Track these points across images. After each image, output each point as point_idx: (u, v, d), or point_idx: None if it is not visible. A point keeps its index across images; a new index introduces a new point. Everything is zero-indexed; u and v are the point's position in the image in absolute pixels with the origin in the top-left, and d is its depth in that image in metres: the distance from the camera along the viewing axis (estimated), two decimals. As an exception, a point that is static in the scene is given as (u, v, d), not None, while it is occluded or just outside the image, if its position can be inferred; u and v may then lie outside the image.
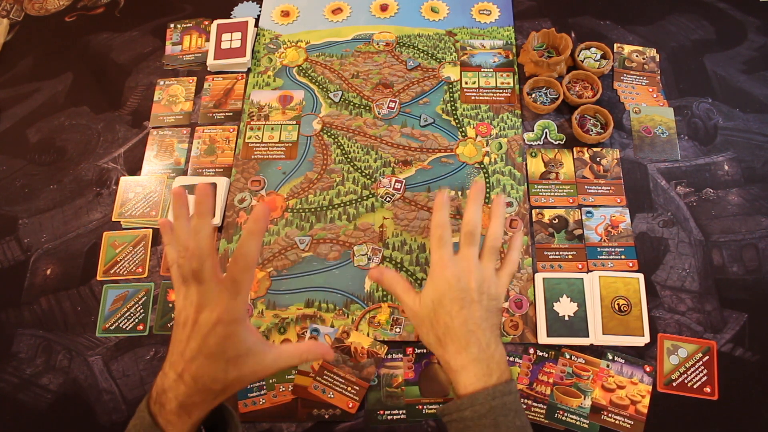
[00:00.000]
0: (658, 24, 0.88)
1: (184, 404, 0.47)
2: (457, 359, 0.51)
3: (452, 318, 0.52)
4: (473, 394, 0.49)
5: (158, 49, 0.92)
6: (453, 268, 0.53)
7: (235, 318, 0.47)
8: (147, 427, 0.48)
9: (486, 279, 0.54)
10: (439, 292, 0.53)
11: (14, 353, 0.71)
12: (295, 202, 0.77)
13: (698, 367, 0.65)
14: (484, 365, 0.50)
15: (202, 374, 0.47)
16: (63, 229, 0.79)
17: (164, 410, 0.47)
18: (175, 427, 0.47)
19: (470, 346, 0.51)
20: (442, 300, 0.53)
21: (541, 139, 0.79)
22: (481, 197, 0.57)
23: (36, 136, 0.87)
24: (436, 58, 0.87)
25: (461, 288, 0.53)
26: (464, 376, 0.50)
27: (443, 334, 0.52)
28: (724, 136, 0.78)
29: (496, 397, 0.49)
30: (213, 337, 0.46)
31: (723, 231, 0.72)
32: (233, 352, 0.47)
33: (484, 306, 0.53)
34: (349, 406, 0.65)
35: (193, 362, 0.47)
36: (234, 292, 0.47)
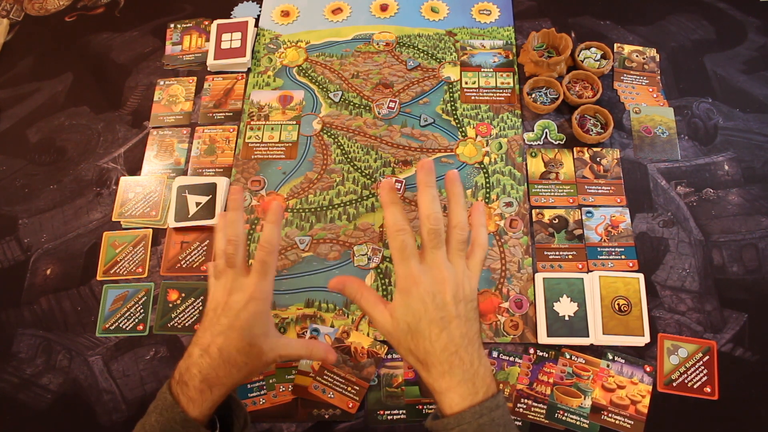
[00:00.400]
0: (658, 24, 0.88)
1: (207, 378, 0.50)
2: (441, 383, 0.48)
3: (432, 343, 0.48)
4: (460, 414, 0.47)
5: (158, 49, 0.92)
6: (426, 284, 0.49)
7: (265, 297, 0.53)
8: (168, 407, 0.50)
9: (459, 282, 0.50)
10: (415, 315, 0.49)
11: (14, 353, 0.71)
12: (295, 202, 0.77)
13: (698, 367, 0.65)
14: (470, 384, 0.48)
15: (228, 345, 0.51)
16: (63, 229, 0.79)
17: (187, 388, 0.50)
18: (196, 404, 0.50)
19: (454, 368, 0.48)
20: (420, 324, 0.49)
21: (541, 139, 0.79)
22: (433, 180, 0.50)
23: (36, 136, 0.87)
24: (436, 58, 0.87)
25: (438, 306, 0.49)
26: (450, 398, 0.48)
27: (423, 357, 0.49)
28: (724, 136, 0.78)
29: (484, 414, 0.47)
30: (245, 312, 0.52)
31: (723, 231, 0.72)
32: (259, 329, 0.53)
33: (463, 318, 0.49)
34: (349, 406, 0.65)
35: (221, 335, 0.52)
36: (263, 273, 0.53)
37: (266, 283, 0.54)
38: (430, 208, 0.49)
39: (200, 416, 0.50)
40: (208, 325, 0.53)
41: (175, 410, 0.49)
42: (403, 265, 0.50)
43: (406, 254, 0.50)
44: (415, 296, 0.49)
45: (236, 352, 0.51)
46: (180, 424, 0.49)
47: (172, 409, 0.49)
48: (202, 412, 0.50)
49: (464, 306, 0.50)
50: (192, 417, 0.49)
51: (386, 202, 0.51)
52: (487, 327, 0.68)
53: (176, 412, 0.49)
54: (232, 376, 0.51)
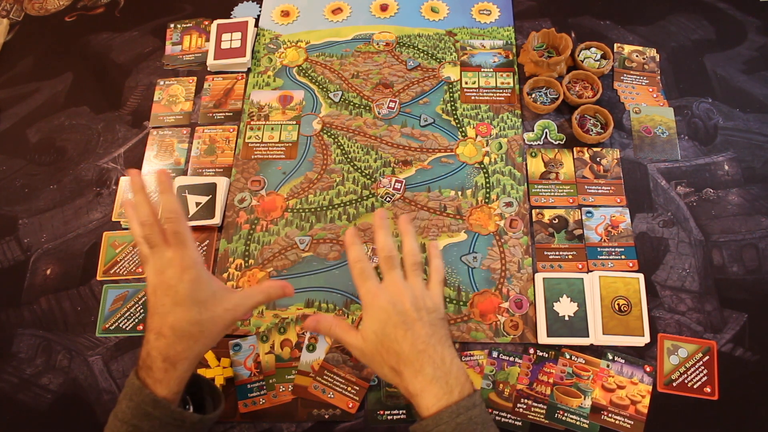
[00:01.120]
0: (658, 24, 0.88)
1: (168, 357, 0.51)
2: (414, 383, 0.50)
3: (400, 343, 0.51)
4: (437, 414, 0.48)
5: (158, 49, 0.92)
6: (384, 295, 0.54)
7: (195, 263, 0.54)
8: (137, 391, 0.50)
9: (418, 296, 0.54)
10: (379, 322, 0.53)
11: (14, 353, 0.71)
12: (295, 202, 0.77)
13: (698, 367, 0.65)
14: (443, 382, 0.50)
15: (179, 320, 0.52)
16: (63, 229, 0.79)
17: (151, 371, 0.51)
18: (162, 384, 0.50)
19: (424, 366, 0.50)
20: (385, 329, 0.52)
21: (541, 139, 0.79)
22: (386, 223, 0.57)
23: (36, 136, 0.87)
24: (436, 58, 0.87)
25: (398, 311, 0.52)
26: (425, 399, 0.49)
27: (396, 362, 0.51)
28: (724, 136, 0.78)
29: (461, 413, 0.48)
30: (181, 284, 0.52)
31: (723, 231, 0.72)
32: (202, 295, 0.53)
33: (426, 322, 0.53)
34: (349, 406, 0.65)
35: (168, 315, 0.52)
36: (182, 243, 0.54)
37: (190, 251, 0.54)
38: (384, 242, 0.56)
39: (169, 394, 0.50)
40: (152, 309, 0.53)
41: (143, 392, 0.50)
42: (364, 286, 0.55)
43: (365, 276, 0.55)
44: (376, 306, 0.53)
45: (188, 324, 0.52)
46: (150, 405, 0.49)
47: (140, 392, 0.50)
48: (171, 390, 0.51)
49: (426, 314, 0.54)
50: (161, 396, 0.50)
51: (348, 243, 0.57)
52: (487, 327, 0.68)
53: (145, 394, 0.50)
54: (191, 349, 0.52)
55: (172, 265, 0.53)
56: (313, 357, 0.67)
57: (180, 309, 0.52)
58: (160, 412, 0.50)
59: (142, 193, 0.56)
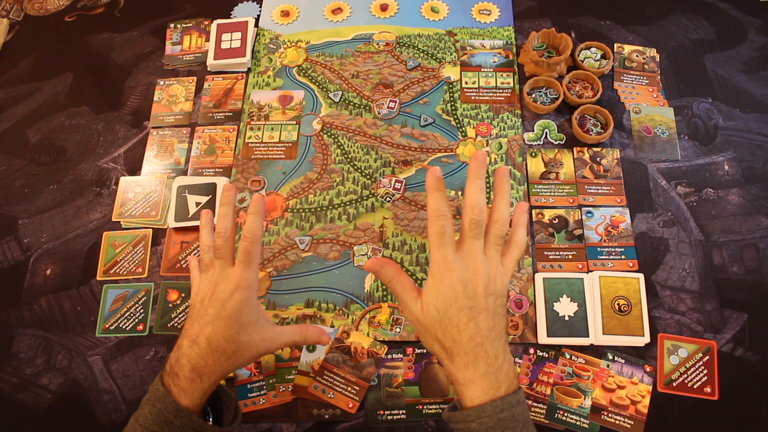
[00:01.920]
0: (658, 24, 0.88)
1: (196, 367, 0.51)
2: (464, 373, 0.48)
3: (460, 331, 0.48)
4: (481, 407, 0.47)
5: (158, 49, 0.92)
6: (459, 271, 0.49)
7: (250, 285, 0.54)
8: (161, 397, 0.50)
9: (492, 276, 0.50)
10: (445, 300, 0.49)
11: (14, 353, 0.71)
12: (295, 202, 0.77)
13: (698, 367, 0.65)
14: (493, 378, 0.48)
15: (217, 335, 0.52)
16: (63, 229, 0.79)
17: (177, 379, 0.51)
18: (187, 393, 0.51)
19: (478, 360, 0.48)
20: (449, 310, 0.49)
21: (541, 139, 0.79)
22: (483, 172, 0.51)
23: (36, 136, 0.87)
24: (436, 58, 0.87)
25: (468, 295, 0.49)
26: (471, 390, 0.48)
27: (450, 345, 0.49)
28: (724, 136, 0.78)
29: (505, 409, 0.47)
30: (231, 302, 0.53)
31: (723, 231, 0.72)
32: (246, 318, 0.54)
33: (491, 311, 0.49)
34: (349, 406, 0.65)
35: (209, 325, 0.52)
36: (247, 263, 0.55)
37: (251, 273, 0.55)
38: (476, 198, 0.50)
39: (192, 405, 0.51)
40: (195, 316, 0.54)
41: (167, 400, 0.50)
42: (440, 251, 0.50)
43: (444, 240, 0.50)
44: (446, 282, 0.49)
45: (224, 341, 0.52)
46: (172, 414, 0.50)
47: (164, 399, 0.50)
48: (194, 401, 0.51)
49: (494, 300, 0.50)
50: (184, 406, 0.50)
51: (431, 188, 0.51)
52: (487, 327, 0.68)
53: (168, 402, 0.50)
54: (221, 365, 0.52)
55: (229, 281, 0.54)
56: (313, 357, 0.67)
57: (222, 323, 0.53)
58: (182, 421, 0.50)
59: (230, 206, 0.58)
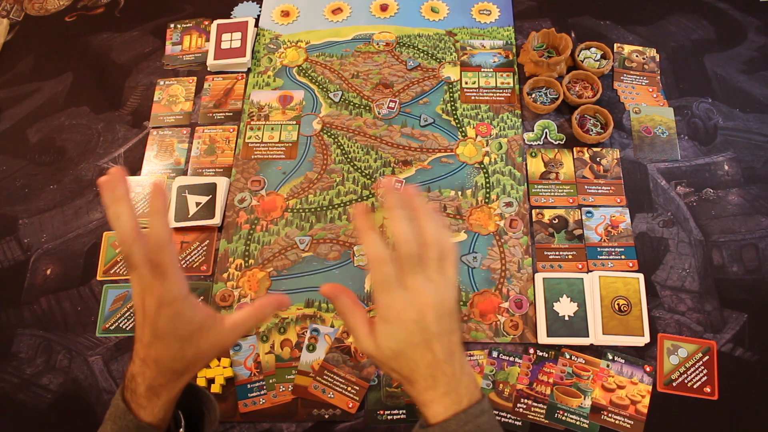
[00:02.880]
0: (658, 24, 0.88)
1: (151, 386, 0.48)
2: (424, 395, 0.48)
3: (416, 362, 0.48)
4: (444, 422, 0.47)
5: (158, 49, 0.92)
6: (409, 312, 0.47)
7: (174, 298, 0.47)
8: (121, 414, 0.49)
9: (441, 299, 0.48)
10: (399, 342, 0.47)
11: (14, 353, 0.71)
12: (295, 202, 0.77)
13: (698, 367, 0.65)
14: (453, 394, 0.48)
15: (162, 356, 0.48)
16: (63, 229, 0.79)
17: (135, 395, 0.49)
18: (146, 410, 0.48)
19: (437, 382, 0.48)
20: (404, 349, 0.48)
21: (541, 139, 0.79)
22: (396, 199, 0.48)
23: (36, 136, 0.87)
24: (436, 58, 0.87)
25: (422, 329, 0.47)
26: (433, 409, 0.48)
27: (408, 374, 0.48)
28: (724, 136, 0.78)
29: (469, 421, 0.47)
30: (160, 320, 0.47)
31: (723, 231, 0.72)
32: (184, 332, 0.48)
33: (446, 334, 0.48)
34: (349, 406, 0.65)
35: (150, 347, 0.48)
36: (160, 274, 0.46)
37: (171, 284, 0.46)
38: (404, 232, 0.47)
39: (154, 420, 0.49)
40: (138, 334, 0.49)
41: (127, 417, 0.48)
42: (386, 297, 0.48)
43: (390, 287, 0.47)
44: (398, 325, 0.48)
45: (171, 360, 0.48)
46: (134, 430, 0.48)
47: (124, 416, 0.48)
48: (156, 417, 0.49)
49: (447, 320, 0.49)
50: (146, 422, 0.48)
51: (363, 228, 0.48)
52: (487, 327, 0.68)
53: (129, 419, 0.48)
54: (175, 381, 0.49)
55: (152, 295, 0.47)
56: (313, 357, 0.67)
57: (160, 344, 0.48)
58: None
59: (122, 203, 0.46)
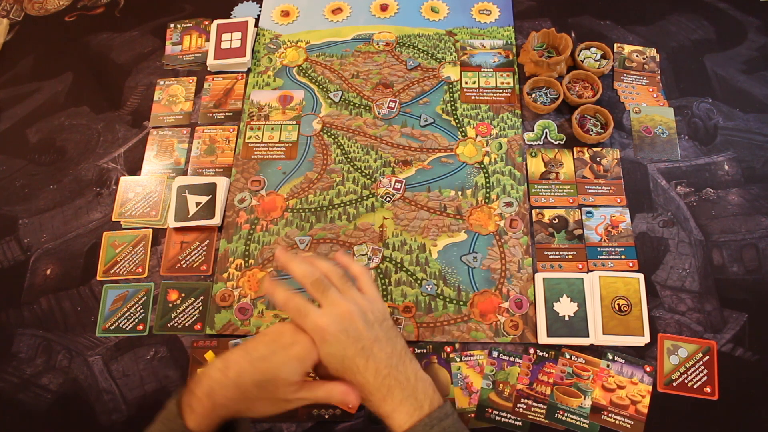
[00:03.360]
0: (658, 24, 0.88)
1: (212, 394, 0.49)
2: (383, 407, 0.49)
3: (362, 374, 0.49)
4: (410, 429, 0.48)
5: (158, 49, 0.92)
6: (333, 325, 0.49)
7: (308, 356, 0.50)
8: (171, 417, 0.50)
9: (364, 308, 0.51)
10: (335, 357, 0.49)
11: (14, 353, 0.71)
12: (295, 202, 0.77)
13: (698, 367, 0.65)
14: (412, 400, 0.49)
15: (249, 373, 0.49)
16: (63, 229, 0.79)
17: (193, 396, 0.49)
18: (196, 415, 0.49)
19: (392, 390, 0.49)
20: (344, 362, 0.49)
21: (541, 139, 0.79)
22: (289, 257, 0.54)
23: (36, 136, 0.87)
24: (436, 58, 0.87)
25: (354, 338, 0.49)
26: (396, 418, 0.49)
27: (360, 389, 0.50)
28: (724, 136, 0.78)
29: (434, 425, 0.48)
30: (281, 354, 0.50)
31: (723, 231, 0.72)
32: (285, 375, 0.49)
33: (383, 338, 0.50)
34: (349, 406, 0.65)
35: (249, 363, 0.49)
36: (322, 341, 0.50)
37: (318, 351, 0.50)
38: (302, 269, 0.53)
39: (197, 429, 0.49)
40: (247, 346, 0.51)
41: (176, 422, 0.49)
42: (307, 321, 0.50)
43: (304, 311, 0.51)
44: (329, 341, 0.49)
45: (251, 383, 0.49)
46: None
47: (174, 420, 0.49)
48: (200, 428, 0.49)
49: (379, 326, 0.51)
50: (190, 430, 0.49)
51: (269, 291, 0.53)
52: (487, 327, 0.68)
53: (177, 424, 0.49)
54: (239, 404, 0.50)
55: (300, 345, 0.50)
56: (313, 357, 0.67)
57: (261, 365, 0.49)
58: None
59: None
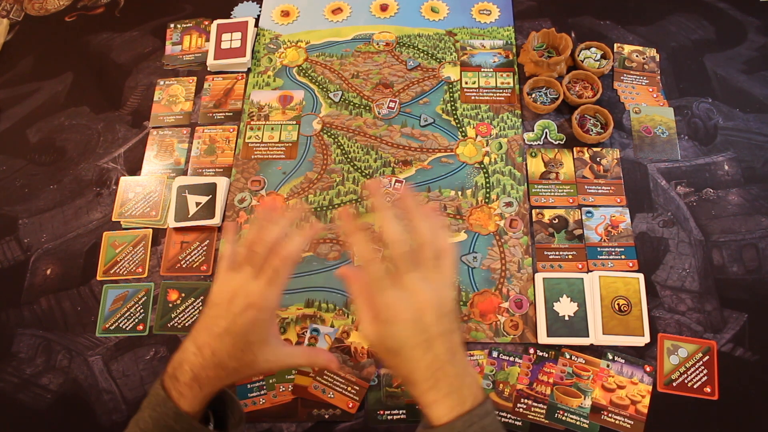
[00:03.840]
0: (658, 24, 0.88)
1: (197, 376, 0.50)
2: (427, 396, 0.47)
3: (417, 362, 0.47)
4: (449, 424, 0.46)
5: (158, 49, 0.92)
6: (407, 312, 0.47)
7: (268, 306, 0.51)
8: (161, 402, 0.50)
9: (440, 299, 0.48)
10: (397, 341, 0.47)
11: (14, 353, 0.71)
12: (295, 202, 0.77)
13: (698, 367, 0.65)
14: (457, 395, 0.47)
15: (221, 350, 0.50)
16: (63, 229, 0.79)
17: (178, 383, 0.50)
18: (185, 399, 0.50)
19: (439, 383, 0.47)
20: (402, 351, 0.47)
21: (541, 139, 0.79)
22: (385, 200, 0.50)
23: (36, 136, 0.87)
24: (436, 58, 0.87)
25: (421, 329, 0.47)
26: (437, 410, 0.47)
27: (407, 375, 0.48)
28: (724, 136, 0.78)
29: (474, 422, 0.46)
30: (242, 318, 0.50)
31: (723, 231, 0.72)
32: (255, 337, 0.51)
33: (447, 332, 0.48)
34: (349, 406, 0.65)
35: (217, 338, 0.50)
36: (273, 281, 0.51)
37: (272, 293, 0.51)
38: (395, 231, 0.49)
39: (191, 410, 0.50)
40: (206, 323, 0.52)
41: (167, 405, 0.49)
42: (381, 297, 0.48)
43: (383, 285, 0.48)
44: (396, 326, 0.47)
45: (228, 357, 0.50)
46: (173, 419, 0.49)
47: (164, 404, 0.50)
48: (193, 408, 0.50)
49: (447, 321, 0.49)
50: (184, 411, 0.49)
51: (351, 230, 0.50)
52: (487, 327, 0.68)
53: (169, 407, 0.49)
54: (221, 378, 0.51)
55: (248, 295, 0.50)
56: (313, 357, 0.67)
57: (229, 338, 0.50)
58: (182, 426, 0.49)
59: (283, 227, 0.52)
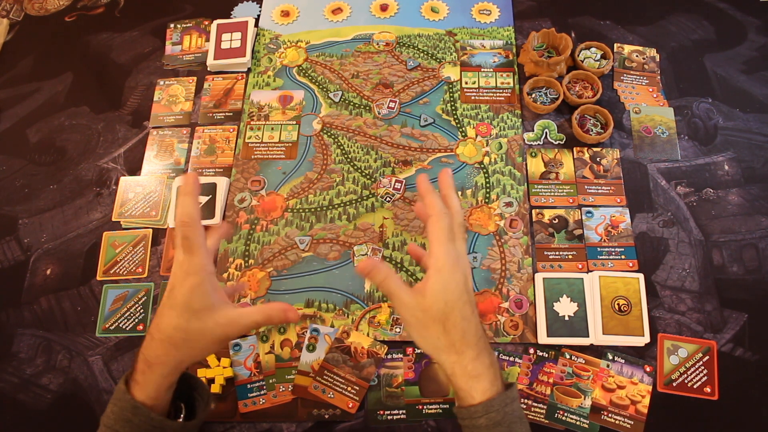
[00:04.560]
0: (658, 24, 0.88)
1: (146, 358, 0.49)
2: (475, 365, 0.49)
3: (468, 321, 0.49)
4: (487, 402, 0.48)
5: (158, 49, 0.92)
6: (462, 267, 0.51)
7: (198, 270, 0.50)
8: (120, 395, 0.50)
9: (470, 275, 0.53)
10: (453, 293, 0.50)
11: (14, 353, 0.71)
12: (295, 202, 0.77)
13: (698, 367, 0.65)
14: (495, 369, 0.49)
15: (166, 324, 0.50)
16: (63, 229, 0.79)
17: (135, 372, 0.50)
18: (140, 386, 0.49)
19: (483, 352, 0.49)
20: (457, 303, 0.49)
21: (541, 139, 0.79)
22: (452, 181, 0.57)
23: (36, 136, 0.87)
24: (436, 58, 0.87)
25: (468, 290, 0.51)
26: (482, 383, 0.49)
27: (459, 339, 0.49)
28: (724, 136, 0.78)
29: (508, 403, 0.48)
30: (180, 289, 0.50)
31: (723, 231, 0.72)
32: (198, 304, 0.50)
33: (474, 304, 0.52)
34: (349, 406, 0.65)
35: (161, 317, 0.50)
36: (189, 248, 0.50)
37: (197, 258, 0.50)
38: (459, 204, 0.55)
39: (148, 400, 0.49)
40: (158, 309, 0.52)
41: (125, 398, 0.49)
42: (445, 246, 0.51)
43: (451, 236, 0.52)
44: (454, 276, 0.50)
45: (173, 329, 0.49)
46: (130, 411, 0.48)
47: (123, 397, 0.49)
48: (148, 395, 0.49)
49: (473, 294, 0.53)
50: (140, 401, 0.49)
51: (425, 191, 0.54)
52: (487, 327, 0.68)
53: (126, 400, 0.49)
54: (171, 354, 0.50)
55: (180, 268, 0.50)
56: (313, 357, 0.67)
57: (171, 312, 0.50)
58: (139, 419, 0.48)
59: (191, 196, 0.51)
